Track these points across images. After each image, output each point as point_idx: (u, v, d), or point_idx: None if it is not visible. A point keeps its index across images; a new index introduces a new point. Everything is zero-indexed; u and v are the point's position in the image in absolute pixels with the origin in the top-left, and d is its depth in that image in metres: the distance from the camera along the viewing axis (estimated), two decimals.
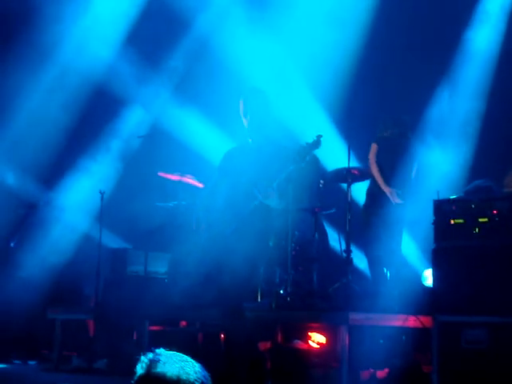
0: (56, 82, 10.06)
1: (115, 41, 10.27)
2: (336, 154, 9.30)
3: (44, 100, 10.05)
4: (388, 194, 8.14)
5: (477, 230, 6.05)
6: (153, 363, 2.61)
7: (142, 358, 2.64)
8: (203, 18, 10.21)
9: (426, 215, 6.79)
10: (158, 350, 2.64)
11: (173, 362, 2.61)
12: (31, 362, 8.62)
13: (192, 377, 2.60)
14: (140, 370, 2.61)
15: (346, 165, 8.17)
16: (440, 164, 8.99)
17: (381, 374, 6.86)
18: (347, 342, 6.57)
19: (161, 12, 10.12)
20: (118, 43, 10.26)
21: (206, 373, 2.65)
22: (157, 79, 10.32)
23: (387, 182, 8.19)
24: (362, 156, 8.74)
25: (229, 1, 10.19)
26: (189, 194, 8.66)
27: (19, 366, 8.51)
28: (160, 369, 2.59)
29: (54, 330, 8.41)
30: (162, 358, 2.62)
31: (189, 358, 2.64)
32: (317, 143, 5.84)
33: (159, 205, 9.06)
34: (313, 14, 10.00)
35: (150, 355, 2.64)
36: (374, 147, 8.34)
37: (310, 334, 7.59)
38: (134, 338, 8.24)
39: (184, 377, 2.58)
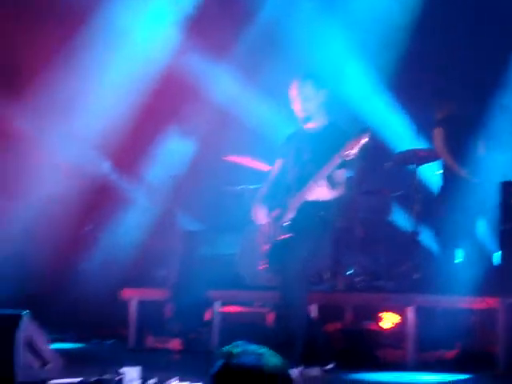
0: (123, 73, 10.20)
1: (180, 29, 10.34)
2: (404, 136, 9.24)
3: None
4: (464, 175, 7.97)
5: None
6: (230, 356, 2.75)
7: (221, 350, 2.80)
8: (268, 6, 10.21)
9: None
10: (235, 343, 2.79)
11: (249, 353, 2.76)
12: (108, 342, 8.85)
13: (268, 368, 2.72)
14: (219, 362, 2.76)
15: (413, 146, 8.16)
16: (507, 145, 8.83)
17: (449, 354, 6.88)
18: (415, 323, 6.63)
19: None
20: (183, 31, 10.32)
21: (283, 364, 2.77)
22: (223, 65, 10.34)
23: (459, 163, 8.02)
24: (430, 137, 8.67)
25: None
26: (256, 177, 8.74)
27: (97, 346, 8.75)
28: (237, 360, 2.73)
29: (129, 311, 8.63)
30: (240, 350, 2.77)
31: (266, 350, 2.77)
32: (362, 137, 5.66)
33: (226, 188, 9.19)
34: None
35: (228, 347, 2.79)
36: (438, 132, 8.15)
37: (381, 314, 7.64)
38: (206, 318, 8.40)
39: (260, 368, 2.71)
